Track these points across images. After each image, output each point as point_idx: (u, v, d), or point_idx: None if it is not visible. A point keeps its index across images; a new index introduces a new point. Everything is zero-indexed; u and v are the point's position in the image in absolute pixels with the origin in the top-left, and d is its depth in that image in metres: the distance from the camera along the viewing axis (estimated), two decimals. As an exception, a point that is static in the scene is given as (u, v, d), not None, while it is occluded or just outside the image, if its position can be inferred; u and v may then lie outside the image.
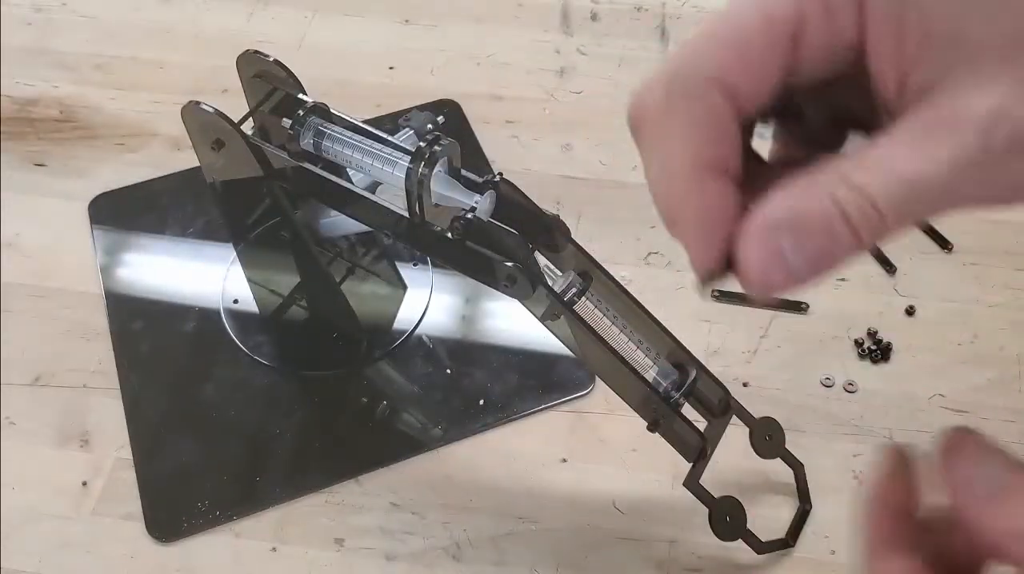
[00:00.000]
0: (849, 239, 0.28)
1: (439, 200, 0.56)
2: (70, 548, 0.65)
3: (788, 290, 0.29)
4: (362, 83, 0.91)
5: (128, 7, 0.97)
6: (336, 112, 0.60)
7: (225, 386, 0.73)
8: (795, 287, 0.29)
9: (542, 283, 0.56)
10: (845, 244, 0.28)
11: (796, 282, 0.28)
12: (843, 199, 0.27)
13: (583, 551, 0.64)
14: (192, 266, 0.80)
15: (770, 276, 0.28)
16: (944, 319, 0.74)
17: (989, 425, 0.69)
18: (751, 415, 0.62)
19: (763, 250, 0.28)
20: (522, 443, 0.69)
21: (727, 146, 0.29)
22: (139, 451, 0.69)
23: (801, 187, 0.28)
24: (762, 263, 0.28)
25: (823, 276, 0.29)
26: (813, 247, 0.28)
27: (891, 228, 0.28)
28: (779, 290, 0.29)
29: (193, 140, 0.62)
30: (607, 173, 0.83)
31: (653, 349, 0.59)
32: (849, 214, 0.27)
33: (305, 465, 0.69)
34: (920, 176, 0.27)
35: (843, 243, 0.28)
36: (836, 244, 0.28)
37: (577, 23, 0.95)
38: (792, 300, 0.75)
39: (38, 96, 0.91)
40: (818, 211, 0.28)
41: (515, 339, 0.74)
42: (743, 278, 0.29)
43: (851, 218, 0.27)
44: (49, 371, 0.73)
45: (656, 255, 0.78)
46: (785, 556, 0.64)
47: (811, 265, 0.28)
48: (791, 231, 0.28)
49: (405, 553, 0.65)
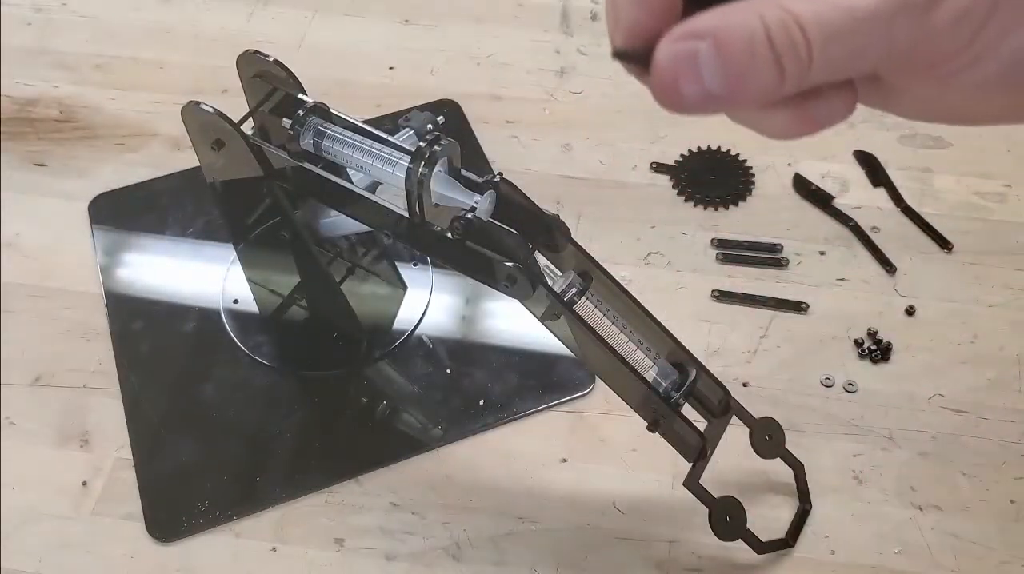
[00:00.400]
0: (770, 61, 0.27)
1: (439, 200, 0.56)
2: (70, 548, 0.65)
3: (700, 109, 0.28)
4: (362, 83, 0.91)
5: (128, 7, 0.98)
6: (336, 112, 0.60)
7: (225, 386, 0.73)
8: (709, 107, 0.28)
9: (542, 283, 0.56)
10: (765, 67, 0.27)
11: (710, 100, 0.27)
12: (769, 17, 0.27)
13: (583, 551, 0.64)
14: (192, 266, 0.80)
15: (681, 81, 0.27)
16: (944, 319, 0.74)
17: (989, 425, 0.69)
18: (751, 415, 0.62)
19: (678, 52, 0.27)
20: (522, 443, 0.69)
21: None
22: (139, 451, 0.69)
23: (734, 6, 0.27)
24: (674, 65, 0.27)
25: (740, 103, 0.28)
26: (731, 60, 0.27)
27: (815, 61, 0.27)
28: (690, 105, 0.27)
29: (193, 140, 0.62)
30: (607, 173, 0.83)
31: (653, 349, 0.59)
32: (773, 34, 0.26)
33: (305, 465, 0.69)
34: (853, 5, 0.27)
35: (763, 65, 0.27)
36: (755, 64, 0.27)
37: (577, 23, 0.95)
38: (792, 300, 0.75)
39: (38, 96, 0.91)
40: (741, 23, 0.27)
41: (515, 339, 0.74)
42: (654, 78, 0.28)
43: (775, 39, 0.26)
44: (49, 371, 0.73)
45: (656, 255, 0.78)
46: (785, 556, 0.64)
47: (727, 81, 0.27)
48: (711, 39, 0.27)
49: (405, 553, 0.65)
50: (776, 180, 0.82)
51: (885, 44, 0.27)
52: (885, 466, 0.67)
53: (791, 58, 0.27)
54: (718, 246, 0.78)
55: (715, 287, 0.76)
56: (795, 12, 0.27)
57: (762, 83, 0.27)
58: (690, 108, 0.28)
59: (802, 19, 0.27)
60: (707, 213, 0.80)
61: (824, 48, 0.27)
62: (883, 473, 0.67)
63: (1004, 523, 0.65)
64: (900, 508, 0.65)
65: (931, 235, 0.78)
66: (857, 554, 0.64)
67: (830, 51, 0.27)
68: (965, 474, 0.67)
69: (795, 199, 0.81)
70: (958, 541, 0.64)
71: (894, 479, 0.66)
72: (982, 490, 0.66)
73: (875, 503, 0.66)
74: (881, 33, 0.27)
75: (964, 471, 0.67)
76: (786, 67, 0.27)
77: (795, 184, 0.82)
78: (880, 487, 0.66)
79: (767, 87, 0.27)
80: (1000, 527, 0.64)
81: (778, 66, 0.27)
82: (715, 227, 0.79)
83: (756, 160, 0.83)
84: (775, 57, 0.27)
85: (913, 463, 0.67)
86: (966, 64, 0.29)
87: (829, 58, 0.27)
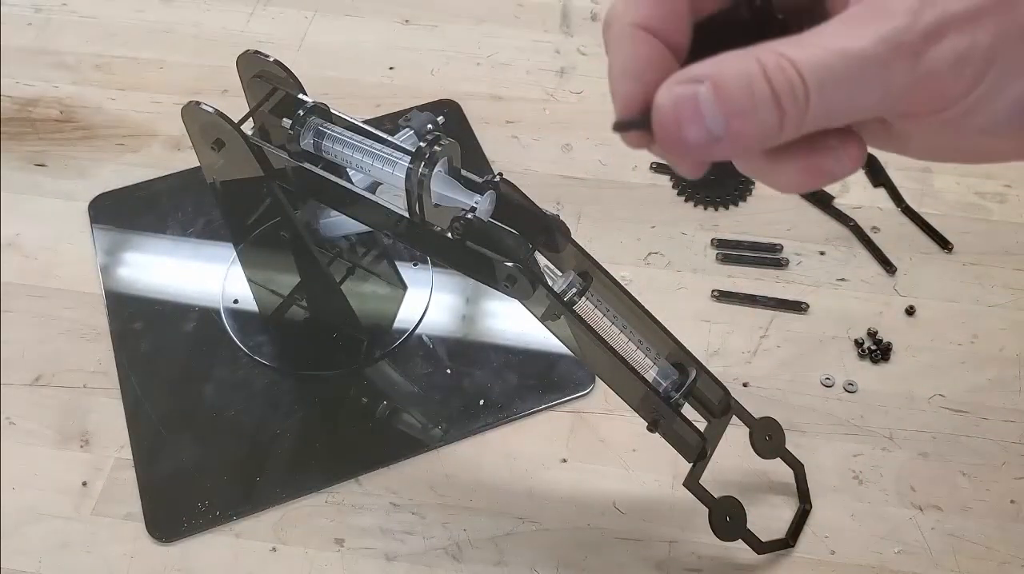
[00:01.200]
0: (768, 102, 0.27)
1: (439, 200, 0.56)
2: (70, 548, 0.65)
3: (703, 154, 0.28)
4: (362, 83, 0.91)
5: (128, 7, 0.98)
6: (336, 112, 0.60)
7: (225, 386, 0.73)
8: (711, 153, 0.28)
9: (542, 283, 0.56)
10: (764, 107, 0.27)
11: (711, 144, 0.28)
12: (767, 61, 0.27)
13: (583, 551, 0.64)
14: (192, 266, 0.80)
15: (683, 126, 0.27)
16: (944, 319, 0.74)
17: (989, 425, 0.69)
18: (751, 415, 0.62)
19: (678, 96, 0.28)
20: (522, 443, 0.69)
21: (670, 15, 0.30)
22: (139, 451, 0.69)
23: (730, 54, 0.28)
24: (676, 109, 0.28)
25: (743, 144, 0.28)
26: (730, 100, 0.27)
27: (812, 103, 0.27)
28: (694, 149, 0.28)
29: (193, 140, 0.62)
30: (607, 173, 0.83)
31: (653, 349, 0.59)
32: (771, 76, 0.27)
33: (305, 465, 0.69)
34: (846, 48, 0.27)
35: (762, 105, 0.27)
36: (755, 104, 0.27)
37: (577, 23, 0.95)
38: (792, 300, 0.75)
39: (38, 96, 0.91)
40: (738, 66, 0.27)
41: (515, 339, 0.74)
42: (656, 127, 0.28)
43: (773, 80, 0.27)
44: (49, 371, 0.73)
45: (656, 255, 0.78)
46: (785, 556, 0.64)
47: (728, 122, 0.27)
48: (709, 81, 0.27)
49: (405, 553, 0.65)
50: (776, 180, 0.82)
51: (881, 86, 0.28)
52: (885, 466, 0.67)
53: (789, 99, 0.27)
54: (718, 246, 0.78)
55: (715, 287, 0.76)
56: (790, 56, 0.27)
57: (763, 123, 0.27)
58: (694, 151, 0.28)
59: (797, 62, 0.27)
60: (707, 213, 0.80)
61: (821, 90, 0.27)
62: (883, 473, 0.67)
63: (1004, 523, 0.65)
64: (900, 508, 0.65)
65: (931, 235, 0.78)
66: (857, 554, 0.64)
67: (827, 93, 0.27)
68: (965, 474, 0.67)
69: (795, 199, 0.81)
70: (958, 541, 0.64)
71: (894, 479, 0.66)
72: (982, 490, 0.66)
73: (875, 503, 0.66)
74: (876, 75, 0.28)
75: (964, 471, 0.67)
76: (785, 108, 0.27)
77: (795, 184, 0.82)
78: (880, 487, 0.66)
79: (768, 128, 0.28)
80: (1000, 527, 0.64)
81: (777, 106, 0.27)
82: (715, 227, 0.79)
83: (756, 160, 0.83)
84: (774, 96, 0.27)
85: (913, 463, 0.67)
86: (972, 107, 0.29)
87: (827, 100, 0.28)
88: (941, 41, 0.28)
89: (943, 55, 0.28)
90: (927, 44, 0.28)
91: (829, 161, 0.30)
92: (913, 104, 0.29)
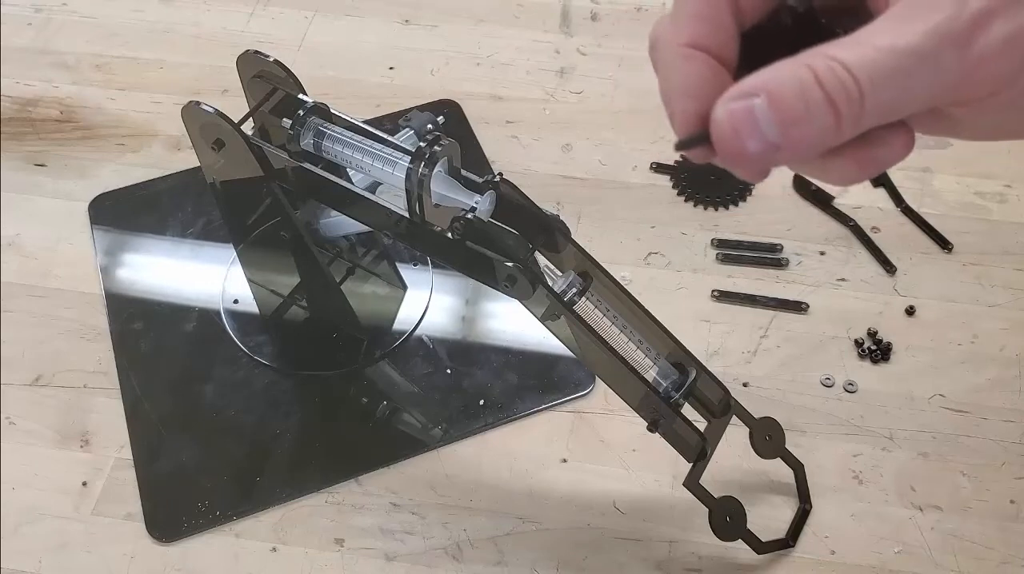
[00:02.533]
0: (823, 106, 0.27)
1: (439, 200, 0.56)
2: (70, 548, 0.65)
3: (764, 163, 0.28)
4: (362, 83, 0.91)
5: (128, 7, 0.98)
6: (336, 112, 0.60)
7: (225, 386, 0.73)
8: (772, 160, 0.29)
9: (542, 283, 0.56)
10: (820, 113, 0.28)
11: (771, 152, 0.28)
12: (818, 66, 0.27)
13: (583, 551, 0.64)
14: (192, 266, 0.80)
15: (742, 137, 0.28)
16: (944, 319, 0.74)
17: (989, 425, 0.69)
18: (751, 415, 0.62)
19: (734, 110, 0.28)
20: (522, 443, 0.69)
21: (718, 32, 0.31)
22: (139, 451, 0.69)
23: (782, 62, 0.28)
24: (732, 122, 0.28)
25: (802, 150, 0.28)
26: (785, 109, 0.28)
27: (867, 102, 0.28)
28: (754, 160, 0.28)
29: (193, 140, 0.62)
30: (607, 173, 0.83)
31: (653, 349, 0.59)
32: (823, 80, 0.27)
33: (305, 465, 0.69)
34: (894, 44, 0.27)
35: (817, 110, 0.27)
36: (810, 110, 0.28)
37: (577, 23, 0.95)
38: (792, 300, 0.75)
39: (38, 96, 0.91)
40: (791, 74, 0.28)
41: (515, 339, 0.74)
42: (716, 141, 0.29)
43: (825, 83, 0.27)
44: (49, 371, 0.73)
45: (656, 255, 0.78)
46: (785, 556, 0.64)
47: (785, 130, 0.28)
48: (765, 93, 0.28)
49: (405, 553, 0.65)
50: (776, 180, 0.82)
51: (934, 78, 0.28)
52: (885, 466, 0.67)
53: (844, 100, 0.28)
54: (718, 246, 0.78)
55: (715, 287, 0.76)
56: (840, 58, 0.27)
57: (820, 128, 0.28)
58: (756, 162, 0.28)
59: (848, 63, 0.27)
60: (707, 213, 0.80)
61: (874, 88, 0.28)
62: (883, 473, 0.67)
63: (1004, 523, 0.65)
64: (900, 508, 0.65)
65: (931, 235, 0.78)
66: (857, 554, 0.64)
67: (881, 91, 0.28)
68: (965, 474, 0.67)
69: (795, 199, 0.81)
70: (958, 541, 0.64)
71: (894, 479, 0.66)
72: (982, 490, 0.66)
73: (875, 503, 0.66)
74: (928, 68, 0.28)
75: (964, 471, 0.67)
76: (841, 110, 0.28)
77: (795, 184, 0.82)
78: (880, 487, 0.66)
79: (825, 131, 0.28)
80: (1000, 527, 0.64)
81: (833, 109, 0.28)
82: (715, 227, 0.79)
83: (756, 160, 0.83)
84: (828, 100, 0.27)
85: (913, 463, 0.67)
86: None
87: (881, 98, 0.28)
88: (989, 27, 0.28)
89: (992, 40, 0.28)
90: (975, 32, 0.28)
91: (881, 151, 0.30)
92: (967, 92, 0.29)
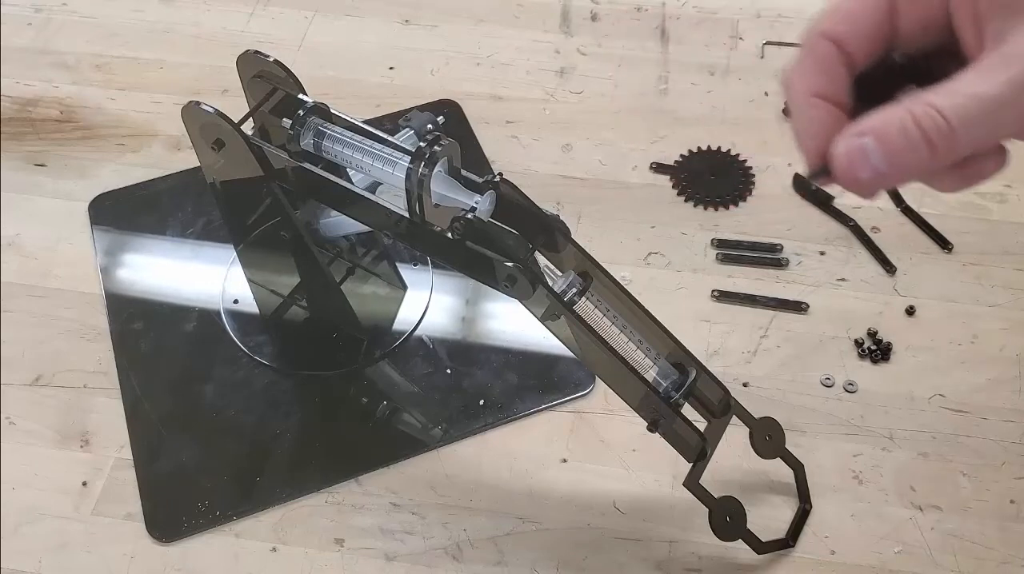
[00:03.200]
0: (922, 143, 0.34)
1: (439, 200, 0.56)
2: (70, 548, 0.65)
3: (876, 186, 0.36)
4: (362, 83, 0.91)
5: (128, 7, 0.98)
6: (336, 112, 0.60)
7: (225, 386, 0.73)
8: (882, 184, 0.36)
9: (542, 283, 0.56)
10: (919, 148, 0.34)
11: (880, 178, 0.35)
12: (916, 111, 0.35)
13: (583, 551, 0.64)
14: (192, 266, 0.80)
15: (856, 169, 0.35)
16: (944, 319, 0.74)
17: (989, 425, 0.69)
18: (751, 415, 0.62)
19: (849, 147, 0.35)
20: (522, 443, 0.69)
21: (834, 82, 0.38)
22: (139, 451, 0.69)
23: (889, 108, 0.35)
24: (848, 157, 0.35)
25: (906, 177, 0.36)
26: (891, 146, 0.35)
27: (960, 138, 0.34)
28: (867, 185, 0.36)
29: (193, 140, 0.62)
30: (607, 173, 0.83)
31: (653, 349, 0.59)
32: (921, 121, 0.34)
33: (305, 465, 0.69)
34: (980, 92, 0.34)
35: (917, 146, 0.34)
36: (911, 146, 0.35)
37: (577, 23, 0.95)
38: (792, 300, 0.75)
39: (38, 96, 0.91)
40: (896, 118, 0.35)
41: (515, 339, 0.74)
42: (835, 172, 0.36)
43: (922, 124, 0.34)
44: (49, 371, 0.73)
45: (656, 255, 0.78)
46: (785, 556, 0.64)
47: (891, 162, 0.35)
48: (873, 134, 0.35)
49: (405, 553, 0.65)
50: (776, 180, 0.82)
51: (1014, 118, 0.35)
52: (885, 466, 0.67)
53: (937, 138, 0.34)
54: (718, 246, 0.78)
55: (715, 287, 0.76)
56: (935, 104, 0.34)
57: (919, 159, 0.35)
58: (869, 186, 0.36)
59: (942, 108, 0.34)
60: (707, 213, 0.80)
61: (963, 128, 0.34)
62: (883, 473, 0.67)
63: (1004, 523, 0.65)
64: (900, 508, 0.65)
65: (931, 235, 0.78)
66: (857, 554, 0.64)
67: (969, 130, 0.34)
68: (965, 474, 0.67)
69: (795, 199, 0.81)
70: (958, 541, 0.64)
71: (894, 479, 0.66)
72: (982, 490, 0.66)
73: (875, 503, 0.66)
74: (1008, 111, 0.34)
75: (964, 471, 0.67)
76: (936, 145, 0.34)
77: (795, 184, 0.82)
78: (880, 487, 0.66)
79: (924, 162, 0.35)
80: (1000, 527, 0.64)
81: (929, 144, 0.34)
82: (715, 227, 0.79)
83: (756, 160, 0.83)
84: (925, 138, 0.34)
85: (913, 463, 0.67)
86: None
87: (969, 135, 0.35)
88: None
89: None
90: None
91: (980, 166, 0.37)
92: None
